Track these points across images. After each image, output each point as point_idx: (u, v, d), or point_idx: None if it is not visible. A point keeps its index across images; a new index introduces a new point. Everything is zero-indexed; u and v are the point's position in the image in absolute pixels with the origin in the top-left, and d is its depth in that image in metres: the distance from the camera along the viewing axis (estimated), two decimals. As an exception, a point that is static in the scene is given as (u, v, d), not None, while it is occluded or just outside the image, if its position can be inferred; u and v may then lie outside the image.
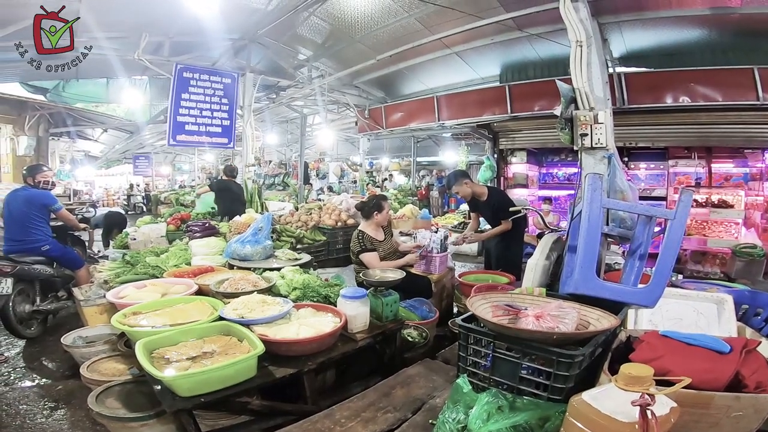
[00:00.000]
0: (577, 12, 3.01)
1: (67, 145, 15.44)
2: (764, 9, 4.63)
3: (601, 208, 1.70)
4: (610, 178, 2.34)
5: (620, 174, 2.39)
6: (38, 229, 4.02)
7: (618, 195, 2.30)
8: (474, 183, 4.31)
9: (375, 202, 3.68)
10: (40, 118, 9.95)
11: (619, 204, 2.14)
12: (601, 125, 2.70)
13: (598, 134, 2.69)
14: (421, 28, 6.19)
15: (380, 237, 3.69)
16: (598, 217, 1.71)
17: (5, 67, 7.04)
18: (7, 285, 3.60)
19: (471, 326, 1.83)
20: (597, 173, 1.80)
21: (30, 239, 3.95)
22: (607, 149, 2.63)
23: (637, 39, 5.93)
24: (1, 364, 3.39)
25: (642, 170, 7.56)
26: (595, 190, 1.69)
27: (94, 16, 5.06)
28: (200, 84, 6.55)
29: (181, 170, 24.41)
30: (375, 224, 3.68)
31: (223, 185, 6.59)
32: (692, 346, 1.58)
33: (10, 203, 4.02)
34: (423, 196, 13.62)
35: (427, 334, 3.06)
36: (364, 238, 3.55)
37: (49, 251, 4.04)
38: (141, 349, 1.83)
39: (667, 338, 1.69)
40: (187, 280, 2.81)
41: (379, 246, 3.60)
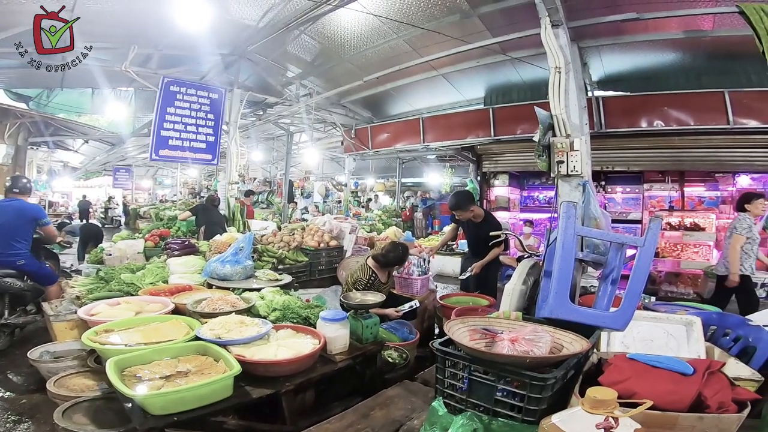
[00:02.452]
0: (557, 38, 3.11)
1: (46, 154, 15.06)
2: (735, 31, 4.77)
3: (574, 235, 1.77)
4: (585, 206, 2.42)
5: (594, 201, 2.47)
6: (21, 242, 3.91)
7: (592, 222, 2.38)
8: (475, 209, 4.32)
9: (401, 256, 3.39)
10: (21, 126, 9.57)
11: (592, 232, 2.21)
12: (576, 152, 2.78)
13: (573, 161, 2.76)
14: (409, 50, 6.34)
15: (385, 278, 3.51)
16: (571, 244, 1.78)
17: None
18: None
19: (448, 350, 1.85)
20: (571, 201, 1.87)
21: (10, 252, 3.82)
22: (582, 177, 2.71)
23: (615, 63, 6.13)
24: None
25: (618, 194, 7.80)
26: (569, 218, 1.75)
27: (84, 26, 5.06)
28: (186, 98, 6.49)
29: (162, 184, 24.04)
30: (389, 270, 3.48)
31: (203, 208, 6.59)
32: (657, 368, 1.64)
33: (7, 214, 3.87)
34: (407, 218, 13.68)
35: (407, 355, 3.05)
36: (375, 281, 3.36)
37: (24, 266, 3.91)
38: (112, 367, 1.79)
39: (633, 361, 1.74)
40: (163, 299, 2.76)
41: (380, 288, 3.42)
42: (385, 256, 3.38)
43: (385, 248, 3.45)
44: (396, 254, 3.39)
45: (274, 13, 5.45)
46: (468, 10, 5.22)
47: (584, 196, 2.50)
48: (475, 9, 5.19)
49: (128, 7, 4.89)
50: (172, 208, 13.20)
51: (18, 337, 4.00)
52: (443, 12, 5.31)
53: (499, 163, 8.11)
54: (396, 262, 3.43)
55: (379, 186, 16.47)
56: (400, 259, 3.41)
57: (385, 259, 3.38)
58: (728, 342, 2.24)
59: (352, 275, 3.47)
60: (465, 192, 5.03)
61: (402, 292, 3.83)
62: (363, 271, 3.40)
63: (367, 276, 3.36)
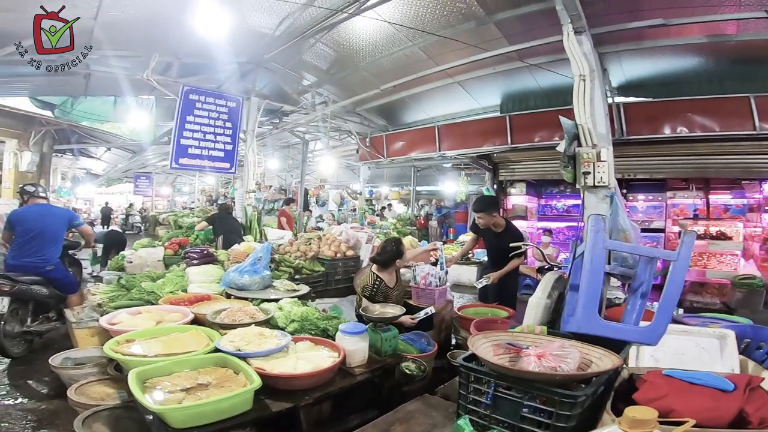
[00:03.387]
0: (581, 45, 3.03)
1: (70, 162, 15.51)
2: (760, 36, 4.68)
3: (603, 249, 1.71)
4: (613, 218, 2.35)
5: (622, 213, 2.40)
6: (53, 248, 4.03)
7: (620, 235, 2.31)
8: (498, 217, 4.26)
9: (395, 250, 3.41)
10: (46, 134, 9.83)
11: (623, 246, 2.15)
12: (603, 163, 2.70)
13: (600, 172, 2.68)
14: (424, 58, 6.32)
15: (392, 283, 3.49)
16: (600, 258, 1.72)
17: (15, 81, 7.09)
18: (3, 304, 3.57)
19: (472, 366, 1.81)
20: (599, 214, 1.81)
21: (41, 257, 3.93)
22: (610, 188, 2.63)
23: (636, 68, 6.01)
24: None
25: (640, 202, 7.63)
26: (597, 231, 1.70)
27: (108, 33, 5.20)
28: (205, 107, 6.54)
29: (181, 191, 24.50)
30: (392, 269, 3.46)
31: (220, 218, 6.61)
32: (696, 385, 1.59)
33: (44, 218, 4.01)
34: (422, 226, 13.63)
35: (425, 367, 3.01)
36: (380, 287, 3.34)
37: (52, 272, 4.00)
38: (134, 379, 1.79)
39: (670, 378, 1.69)
40: (183, 308, 2.77)
41: (390, 293, 3.42)
42: (381, 255, 3.42)
43: (379, 248, 3.51)
44: (390, 249, 3.42)
45: (290, 22, 5.49)
46: (484, 17, 5.18)
47: (612, 208, 2.43)
48: (491, 16, 5.14)
49: (149, 15, 4.98)
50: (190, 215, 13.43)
51: (38, 344, 4.06)
52: (458, 19, 5.28)
53: (516, 172, 8.02)
54: (394, 257, 3.41)
55: (393, 194, 16.45)
56: (395, 252, 3.40)
57: (382, 257, 3.41)
58: (762, 355, 2.15)
59: (361, 284, 3.48)
60: (491, 196, 4.96)
61: (420, 302, 3.78)
62: (368, 277, 3.41)
63: (372, 281, 3.35)
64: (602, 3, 4.38)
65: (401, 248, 3.46)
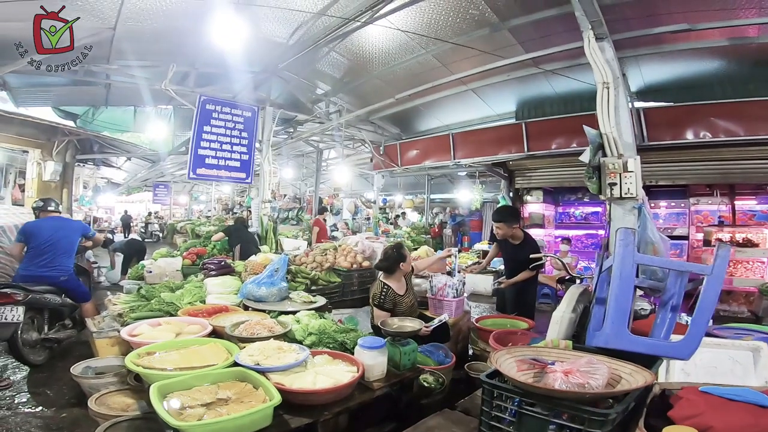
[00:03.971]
0: (603, 52, 2.95)
1: (92, 171, 15.87)
2: None
3: (633, 264, 1.66)
4: (641, 230, 2.28)
5: (651, 225, 2.33)
6: (67, 258, 4.21)
7: (649, 247, 2.24)
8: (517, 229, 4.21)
9: (397, 254, 3.42)
10: (69, 143, 9.87)
11: (654, 260, 2.08)
12: (630, 174, 2.61)
13: (627, 183, 2.59)
14: (438, 65, 6.31)
15: (402, 290, 3.47)
16: (630, 273, 1.67)
17: (39, 90, 7.27)
18: (19, 313, 3.64)
19: (496, 383, 1.76)
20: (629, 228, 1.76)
21: (56, 267, 4.08)
22: (637, 199, 2.55)
23: (655, 72, 5.91)
24: (6, 388, 3.38)
25: (662, 208, 7.46)
26: (627, 245, 1.65)
27: (127, 44, 5.34)
28: (222, 116, 6.58)
29: (198, 200, 24.91)
30: (400, 275, 3.47)
31: (236, 229, 6.67)
32: (734, 401, 1.53)
33: (58, 231, 4.18)
34: (436, 234, 13.54)
35: (443, 379, 2.95)
36: (387, 294, 3.33)
37: (66, 282, 4.15)
38: (155, 393, 1.79)
39: (706, 394, 1.62)
40: (201, 320, 2.77)
41: (400, 302, 3.40)
42: (384, 261, 3.44)
43: (382, 254, 3.54)
44: (392, 254, 3.43)
45: (303, 31, 5.53)
46: (497, 23, 5.14)
47: (640, 220, 2.35)
48: (505, 22, 5.11)
49: (166, 26, 5.06)
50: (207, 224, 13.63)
51: (56, 351, 4.16)
52: (472, 26, 5.25)
53: (532, 179, 7.91)
54: (396, 261, 3.39)
55: (407, 202, 16.41)
56: (397, 256, 3.40)
57: (385, 263, 3.42)
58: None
59: (371, 293, 3.49)
60: (512, 207, 4.91)
61: (437, 313, 3.73)
62: (376, 286, 3.42)
63: (380, 289, 3.35)
64: (620, 8, 4.33)
65: (403, 252, 3.46)
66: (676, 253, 6.74)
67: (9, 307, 3.58)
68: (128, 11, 4.57)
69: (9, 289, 3.67)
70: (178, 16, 4.87)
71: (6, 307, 3.57)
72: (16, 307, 3.63)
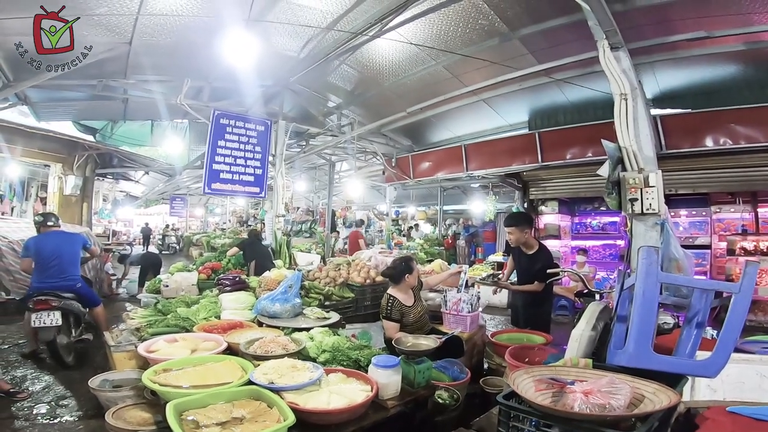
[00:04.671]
0: (619, 62, 2.88)
1: (111, 185, 16.27)
2: None
3: (657, 283, 1.61)
4: (664, 247, 2.21)
5: (674, 241, 2.26)
6: (76, 267, 4.59)
7: (672, 264, 2.17)
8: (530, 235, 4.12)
9: (404, 266, 3.48)
10: (89, 158, 10.17)
11: (678, 279, 2.02)
12: (652, 189, 2.51)
13: (649, 199, 2.49)
14: (448, 76, 6.29)
15: (410, 302, 3.50)
16: (653, 292, 1.62)
17: (59, 105, 7.46)
18: (57, 317, 4.05)
19: (513, 405, 1.73)
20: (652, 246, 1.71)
21: (70, 276, 4.45)
22: (660, 215, 2.45)
23: (671, 78, 5.79)
24: (25, 399, 3.45)
25: (682, 217, 7.28)
26: (650, 264, 1.60)
27: (142, 59, 5.48)
28: (236, 131, 6.63)
29: (213, 212, 25.30)
30: (406, 287, 3.51)
31: (250, 243, 6.73)
32: (764, 422, 1.49)
33: (61, 244, 4.52)
34: (449, 246, 13.44)
35: (458, 395, 2.90)
36: (394, 304, 3.38)
37: (80, 288, 4.50)
38: (171, 412, 1.79)
39: (734, 414, 1.57)
40: (217, 337, 2.79)
41: (408, 312, 3.43)
42: (392, 269, 3.53)
43: (390, 264, 3.67)
44: (399, 265, 3.51)
45: (314, 44, 5.59)
46: (507, 33, 5.11)
47: (663, 236, 2.27)
48: (515, 32, 5.08)
49: (180, 41, 5.16)
50: (222, 236, 13.80)
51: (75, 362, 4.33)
52: (481, 36, 5.23)
53: (547, 190, 7.79)
54: (403, 272, 3.45)
55: (420, 214, 16.37)
56: (404, 267, 3.47)
57: (392, 271, 3.51)
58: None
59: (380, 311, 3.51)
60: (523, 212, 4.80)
61: (451, 328, 3.68)
62: (385, 298, 3.45)
63: (386, 301, 3.40)
64: (632, 15, 4.28)
65: (410, 264, 3.50)
66: (698, 261, 6.56)
67: (47, 312, 4.00)
68: (143, 26, 4.69)
69: (45, 296, 4.09)
70: (191, 31, 4.99)
71: (45, 312, 3.99)
72: (54, 312, 4.04)
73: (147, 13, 4.40)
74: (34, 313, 4.00)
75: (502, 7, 4.64)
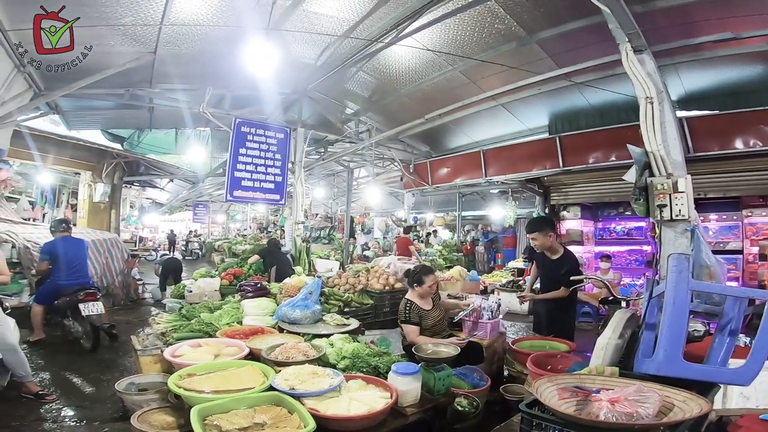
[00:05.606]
0: (643, 65, 2.80)
1: (137, 192, 16.76)
2: None
3: (688, 291, 1.56)
4: (695, 254, 2.13)
5: (705, 248, 2.18)
6: (87, 268, 5.40)
7: (704, 271, 2.10)
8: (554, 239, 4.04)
9: (416, 276, 3.54)
10: (117, 166, 10.57)
11: (710, 286, 1.96)
12: (682, 194, 2.42)
13: (678, 204, 2.40)
14: (466, 81, 6.27)
15: (428, 306, 3.55)
16: (684, 300, 1.57)
17: (88, 114, 7.75)
18: (100, 307, 4.87)
19: (536, 413, 1.70)
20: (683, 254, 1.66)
21: (87, 274, 5.31)
22: (690, 221, 2.36)
23: (696, 80, 5.64)
24: (53, 401, 3.54)
25: (712, 222, 7.02)
26: (680, 272, 1.56)
27: (167, 68, 5.67)
28: (256, 139, 6.70)
29: (234, 219, 25.76)
30: (424, 293, 3.54)
31: (270, 251, 6.84)
32: None
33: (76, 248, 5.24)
34: (468, 252, 13.30)
35: (478, 403, 2.86)
36: (411, 308, 3.44)
37: (92, 285, 5.25)
38: (195, 417, 1.82)
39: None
40: (239, 342, 2.83)
41: (426, 316, 3.47)
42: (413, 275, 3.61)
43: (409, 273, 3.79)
44: (411, 275, 3.61)
45: (330, 51, 5.64)
46: (525, 37, 5.06)
47: (693, 243, 2.19)
48: (533, 35, 5.02)
49: (202, 50, 5.31)
50: (242, 242, 14.04)
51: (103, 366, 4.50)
52: (498, 41, 5.19)
53: (569, 195, 7.65)
54: (411, 283, 3.56)
55: (438, 220, 16.26)
56: (415, 279, 3.54)
57: (413, 278, 3.58)
58: None
59: (398, 316, 3.56)
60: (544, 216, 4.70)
61: (471, 335, 3.64)
62: (403, 302, 3.53)
63: (404, 305, 3.48)
64: (653, 16, 4.19)
65: (422, 277, 3.54)
66: (730, 267, 6.31)
67: (93, 302, 4.81)
68: (166, 35, 4.86)
69: (91, 290, 4.95)
70: (212, 41, 5.13)
71: (91, 303, 4.79)
72: (98, 303, 4.86)
73: (169, 23, 4.53)
74: (82, 303, 4.76)
75: (518, 11, 4.61)
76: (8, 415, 3.26)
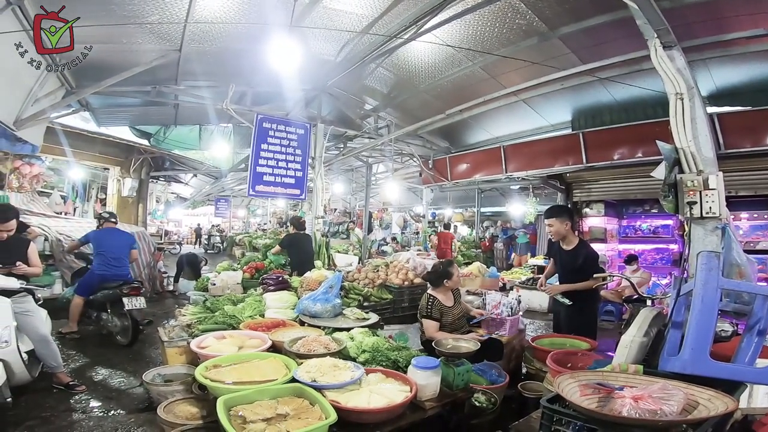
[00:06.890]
0: (673, 61, 2.73)
1: (163, 187, 17.25)
2: None
3: (717, 289, 1.54)
4: (725, 252, 2.07)
5: (736, 246, 2.13)
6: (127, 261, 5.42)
7: (734, 270, 2.05)
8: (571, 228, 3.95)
9: (443, 270, 3.58)
10: (144, 161, 10.81)
11: (740, 285, 1.91)
12: (712, 191, 2.36)
13: (709, 202, 2.34)
14: (486, 77, 6.18)
15: (449, 302, 3.58)
16: (713, 299, 1.55)
17: (117, 111, 7.99)
18: (143, 302, 4.99)
19: (557, 408, 1.70)
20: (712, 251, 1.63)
21: (125, 267, 5.31)
22: (720, 219, 2.30)
23: (727, 75, 5.44)
24: (83, 392, 3.66)
25: (743, 220, 6.78)
26: (710, 270, 1.54)
27: (192, 65, 5.79)
28: (277, 134, 6.80)
29: (255, 213, 26.23)
30: (446, 289, 3.59)
31: (293, 240, 6.55)
32: None
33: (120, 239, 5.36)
34: (487, 248, 13.20)
35: (495, 399, 2.88)
36: (434, 304, 3.48)
37: (129, 277, 5.31)
38: (222, 407, 1.89)
39: None
40: (261, 335, 2.91)
41: (447, 312, 3.50)
42: (432, 273, 3.69)
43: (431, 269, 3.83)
44: (438, 268, 3.64)
45: (350, 48, 5.64)
46: (546, 32, 4.94)
47: (724, 241, 2.13)
48: (555, 30, 4.90)
49: (225, 47, 5.39)
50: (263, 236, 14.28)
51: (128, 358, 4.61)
52: (519, 36, 5.09)
53: (592, 192, 7.49)
54: (441, 277, 3.58)
55: (457, 216, 16.17)
56: (442, 272, 3.59)
57: (432, 276, 3.67)
58: None
59: (419, 307, 3.60)
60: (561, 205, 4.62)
61: (490, 332, 3.64)
62: (424, 298, 3.57)
63: (426, 301, 3.51)
64: (682, 11, 4.04)
65: (450, 269, 3.59)
66: (761, 268, 6.08)
67: (136, 297, 4.92)
68: (191, 33, 4.94)
69: (135, 283, 5.06)
70: (235, 38, 5.20)
71: (135, 298, 4.90)
72: (140, 297, 4.98)
73: (194, 20, 4.61)
74: (126, 298, 4.86)
75: (539, 6, 4.52)
76: (39, 406, 3.35)
